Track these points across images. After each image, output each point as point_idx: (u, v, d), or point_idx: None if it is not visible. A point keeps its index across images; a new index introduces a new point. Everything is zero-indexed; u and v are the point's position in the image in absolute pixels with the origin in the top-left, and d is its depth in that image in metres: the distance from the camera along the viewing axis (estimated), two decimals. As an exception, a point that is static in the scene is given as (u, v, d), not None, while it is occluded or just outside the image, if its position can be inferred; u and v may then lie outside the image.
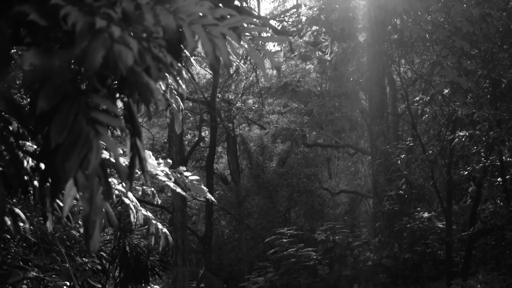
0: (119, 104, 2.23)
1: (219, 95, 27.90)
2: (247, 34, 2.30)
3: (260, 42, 2.41)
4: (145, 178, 2.30)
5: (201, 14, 1.95)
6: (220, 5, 2.51)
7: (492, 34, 11.18)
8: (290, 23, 25.04)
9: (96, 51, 1.66)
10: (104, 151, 2.92)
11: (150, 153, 4.14)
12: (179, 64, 2.21)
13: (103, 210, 1.99)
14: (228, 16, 2.10)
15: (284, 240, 13.98)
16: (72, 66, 1.91)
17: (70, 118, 1.77)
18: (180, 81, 2.65)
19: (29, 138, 2.97)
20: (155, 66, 1.87)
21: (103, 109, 1.86)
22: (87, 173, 1.78)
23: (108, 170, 2.02)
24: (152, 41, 1.94)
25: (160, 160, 4.27)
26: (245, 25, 2.23)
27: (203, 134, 30.13)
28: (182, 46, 2.00)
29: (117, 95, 2.18)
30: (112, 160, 2.92)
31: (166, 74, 2.28)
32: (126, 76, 1.80)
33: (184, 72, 2.46)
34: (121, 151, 3.54)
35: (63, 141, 1.75)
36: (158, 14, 1.84)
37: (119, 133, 2.13)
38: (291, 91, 15.83)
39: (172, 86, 3.10)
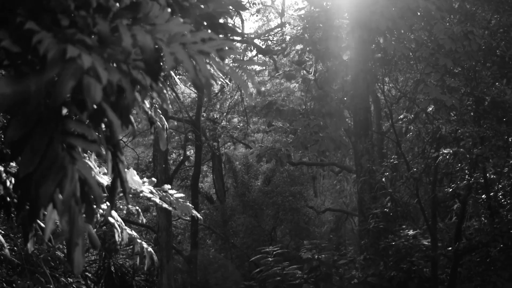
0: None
1: (204, 114, 27.93)
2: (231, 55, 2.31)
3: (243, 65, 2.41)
4: (126, 200, 2.30)
5: (180, 33, 1.95)
6: (205, 23, 2.53)
7: (475, 51, 11.27)
8: (275, 41, 25.14)
9: (66, 82, 1.65)
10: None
11: (135, 172, 4.13)
12: (160, 85, 2.20)
13: (85, 232, 1.97)
14: (209, 39, 2.11)
15: (270, 258, 13.95)
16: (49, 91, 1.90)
17: (43, 145, 1.75)
18: (163, 101, 2.65)
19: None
20: (131, 90, 1.86)
21: (80, 134, 1.85)
22: (63, 199, 1.77)
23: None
24: (130, 63, 1.93)
25: (145, 179, 4.26)
26: (227, 48, 2.23)
27: (188, 153, 30.12)
28: (161, 65, 1.99)
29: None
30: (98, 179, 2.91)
31: (149, 93, 2.27)
32: (94, 111, 1.80)
33: (165, 92, 2.46)
34: (104, 172, 3.52)
35: (34, 169, 1.73)
36: (135, 34, 1.84)
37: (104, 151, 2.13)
38: (275, 110, 15.84)
39: (156, 105, 3.10)
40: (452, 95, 11.62)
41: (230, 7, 2.74)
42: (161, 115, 3.24)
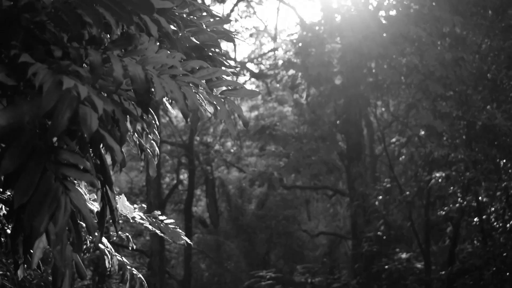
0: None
1: (197, 138, 27.93)
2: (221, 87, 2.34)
3: (231, 97, 2.44)
4: (115, 228, 2.31)
5: (170, 65, 1.98)
6: (193, 54, 2.56)
7: (465, 77, 11.36)
8: (268, 66, 25.24)
9: (62, 113, 1.67)
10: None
11: (125, 198, 4.15)
12: (149, 116, 2.23)
13: (73, 261, 1.99)
14: (200, 67, 2.14)
15: (263, 283, 13.91)
16: (42, 121, 1.92)
17: (37, 176, 1.76)
18: (153, 129, 2.68)
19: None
20: (124, 120, 1.89)
21: (72, 163, 1.87)
22: (56, 231, 1.79)
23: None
24: (122, 94, 1.96)
25: (136, 205, 4.28)
26: (215, 78, 2.27)
27: (181, 177, 30.08)
28: (151, 96, 2.02)
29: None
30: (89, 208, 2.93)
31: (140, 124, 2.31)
32: (91, 138, 1.81)
33: (156, 121, 2.49)
34: (94, 198, 3.54)
35: (28, 200, 1.75)
36: (126, 65, 1.86)
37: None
38: (268, 134, 15.90)
39: (146, 131, 3.12)
40: (443, 121, 11.69)
41: (220, 38, 2.77)
42: (152, 141, 3.26)
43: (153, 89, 1.96)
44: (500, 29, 12.30)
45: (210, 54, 2.79)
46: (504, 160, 11.88)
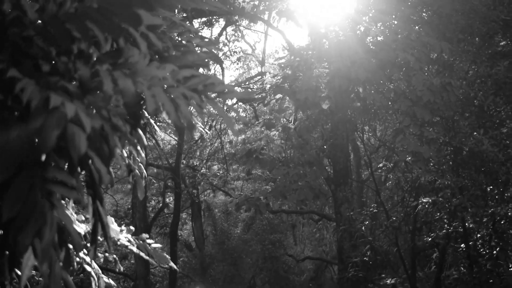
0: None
1: (184, 161, 27.89)
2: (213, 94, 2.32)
3: (225, 107, 2.42)
4: (108, 244, 2.27)
5: (161, 76, 1.95)
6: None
7: (453, 103, 11.41)
8: (255, 89, 25.29)
9: (50, 131, 1.64)
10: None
11: (112, 219, 4.10)
12: (139, 132, 2.20)
13: (62, 279, 1.95)
14: (192, 76, 2.12)
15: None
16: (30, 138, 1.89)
17: (24, 191, 1.73)
18: (140, 149, 2.65)
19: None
20: (113, 134, 1.86)
21: (60, 181, 1.84)
22: (42, 246, 1.75)
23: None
24: (111, 109, 1.93)
25: (123, 227, 4.24)
26: (208, 83, 2.24)
27: (167, 200, 29.99)
28: (143, 110, 1.99)
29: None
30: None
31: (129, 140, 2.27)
32: (80, 160, 1.79)
33: (144, 140, 2.46)
34: (82, 219, 3.50)
35: (16, 214, 1.71)
36: (116, 79, 1.83)
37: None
38: (255, 158, 15.85)
39: (134, 153, 3.08)
40: (430, 147, 11.71)
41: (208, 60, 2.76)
42: (140, 163, 3.23)
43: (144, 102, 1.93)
44: (487, 55, 12.39)
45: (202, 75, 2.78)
46: (491, 186, 11.90)
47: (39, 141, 1.66)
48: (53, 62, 1.94)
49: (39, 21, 1.92)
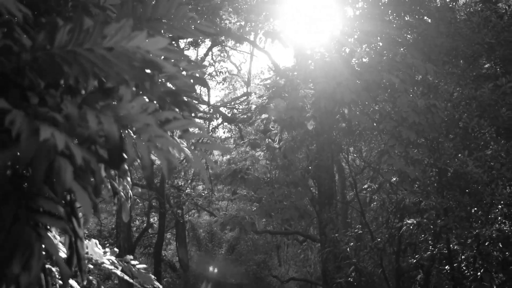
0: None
1: (168, 181, 27.80)
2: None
3: (204, 149, 2.41)
4: (82, 278, 2.23)
5: (146, 122, 1.94)
6: (168, 99, 2.52)
7: (437, 124, 11.46)
8: (241, 110, 25.32)
9: (40, 165, 1.62)
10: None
11: (96, 241, 4.06)
12: (125, 166, 2.19)
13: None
14: (174, 118, 2.10)
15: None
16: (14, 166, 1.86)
17: (8, 223, 1.70)
18: (127, 174, 2.63)
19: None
20: (99, 171, 1.84)
21: (46, 210, 1.81)
22: (30, 280, 1.72)
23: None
24: (97, 141, 1.91)
25: (107, 249, 4.20)
26: (191, 129, 2.24)
27: (151, 220, 29.86)
28: (123, 155, 1.97)
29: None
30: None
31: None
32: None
33: (128, 173, 2.45)
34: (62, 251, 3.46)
35: (1, 244, 1.68)
36: (103, 123, 1.81)
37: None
38: (240, 178, 15.83)
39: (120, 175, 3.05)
40: (416, 167, 11.74)
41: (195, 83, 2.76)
42: (125, 184, 3.20)
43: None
44: (471, 78, 12.48)
45: (185, 99, 2.76)
46: (476, 208, 11.93)
47: (31, 176, 1.64)
48: (42, 94, 1.92)
49: (31, 53, 1.91)
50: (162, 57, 2.62)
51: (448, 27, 12.74)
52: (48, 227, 2.06)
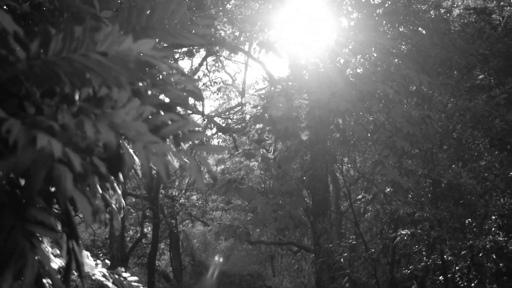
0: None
1: (163, 191, 27.77)
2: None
3: (199, 152, 2.41)
4: (82, 283, 2.22)
5: (142, 130, 1.94)
6: (161, 111, 2.52)
7: (431, 135, 11.48)
8: (235, 120, 25.34)
9: (37, 174, 1.61)
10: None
11: (88, 253, 4.05)
12: (120, 176, 2.18)
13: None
14: (171, 120, 2.10)
15: None
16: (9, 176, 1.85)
17: (5, 231, 1.70)
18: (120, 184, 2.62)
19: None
20: (94, 182, 1.84)
21: (39, 221, 1.81)
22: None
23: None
24: (93, 150, 1.91)
25: (98, 261, 4.18)
26: (187, 131, 2.23)
27: (145, 230, 29.79)
28: (122, 162, 1.97)
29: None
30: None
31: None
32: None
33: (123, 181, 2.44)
34: (54, 263, 3.45)
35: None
36: (100, 132, 1.81)
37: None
38: (234, 188, 15.81)
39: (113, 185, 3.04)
40: (409, 178, 11.75)
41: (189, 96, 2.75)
42: (118, 194, 3.18)
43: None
44: (465, 89, 12.52)
45: (179, 112, 2.76)
46: (469, 219, 11.94)
47: (26, 184, 1.63)
48: (38, 103, 1.92)
49: (26, 62, 1.91)
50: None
51: (442, 38, 12.78)
52: (40, 238, 2.05)
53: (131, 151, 2.00)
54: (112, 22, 2.75)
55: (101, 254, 25.08)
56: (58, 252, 3.45)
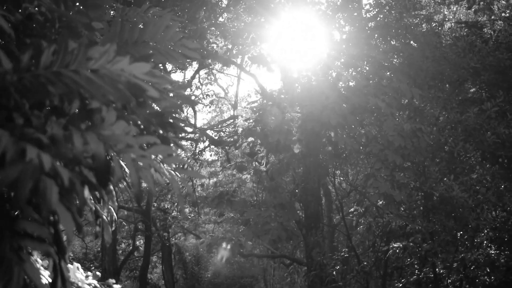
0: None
1: (155, 204, 27.71)
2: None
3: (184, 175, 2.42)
4: (67, 301, 2.21)
5: (129, 143, 1.94)
6: (153, 120, 2.52)
7: (423, 148, 11.51)
8: (227, 133, 25.33)
9: (25, 185, 1.61)
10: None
11: (78, 265, 4.03)
12: (110, 186, 2.18)
13: None
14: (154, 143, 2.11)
15: None
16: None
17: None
18: (112, 197, 2.62)
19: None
20: (82, 193, 1.83)
21: (29, 233, 1.79)
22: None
23: None
24: (81, 161, 1.91)
25: (89, 273, 4.16)
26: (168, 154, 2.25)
27: (137, 243, 29.70)
28: (110, 174, 1.97)
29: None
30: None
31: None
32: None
33: (114, 193, 2.44)
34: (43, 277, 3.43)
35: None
36: (89, 143, 1.81)
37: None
38: (227, 201, 15.81)
39: (104, 198, 3.03)
40: (401, 191, 11.77)
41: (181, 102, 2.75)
42: (110, 207, 3.18)
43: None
44: (457, 102, 12.56)
45: (171, 120, 2.76)
46: (461, 232, 11.95)
47: (14, 195, 1.62)
48: (27, 115, 1.92)
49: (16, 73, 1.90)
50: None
51: (434, 52, 12.83)
52: (30, 250, 2.04)
53: (122, 163, 2.00)
54: (105, 34, 2.76)
55: (93, 267, 24.99)
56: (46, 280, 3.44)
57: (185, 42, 2.96)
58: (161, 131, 2.57)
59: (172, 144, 2.63)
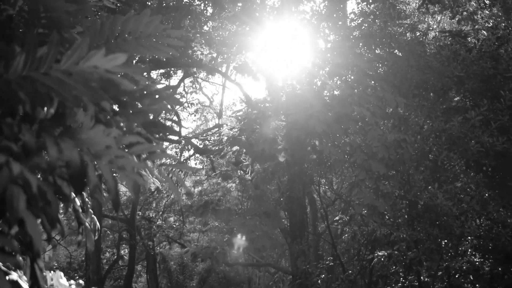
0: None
1: (139, 213, 27.62)
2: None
3: (171, 169, 2.39)
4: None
5: (106, 144, 1.91)
6: (137, 118, 2.49)
7: (407, 159, 11.54)
8: (212, 141, 25.31)
9: None
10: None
11: (61, 274, 4.00)
12: (84, 194, 2.16)
13: None
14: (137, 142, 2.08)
15: None
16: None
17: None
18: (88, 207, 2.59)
19: None
20: (56, 203, 1.80)
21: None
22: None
23: None
24: (56, 172, 1.88)
25: (72, 281, 4.13)
26: (157, 151, 2.21)
27: (122, 252, 29.59)
28: (85, 180, 1.94)
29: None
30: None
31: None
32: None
33: (87, 201, 2.42)
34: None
35: None
36: (62, 149, 1.79)
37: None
38: (211, 209, 15.80)
39: (87, 205, 3.01)
40: (385, 200, 11.79)
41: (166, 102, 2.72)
42: (93, 215, 3.15)
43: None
44: (441, 110, 12.60)
45: (156, 120, 2.73)
46: (446, 240, 11.98)
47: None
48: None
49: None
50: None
51: (418, 61, 12.88)
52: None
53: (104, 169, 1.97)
54: (84, 32, 2.73)
55: (77, 277, 24.84)
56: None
57: (169, 32, 2.94)
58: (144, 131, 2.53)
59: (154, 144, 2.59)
